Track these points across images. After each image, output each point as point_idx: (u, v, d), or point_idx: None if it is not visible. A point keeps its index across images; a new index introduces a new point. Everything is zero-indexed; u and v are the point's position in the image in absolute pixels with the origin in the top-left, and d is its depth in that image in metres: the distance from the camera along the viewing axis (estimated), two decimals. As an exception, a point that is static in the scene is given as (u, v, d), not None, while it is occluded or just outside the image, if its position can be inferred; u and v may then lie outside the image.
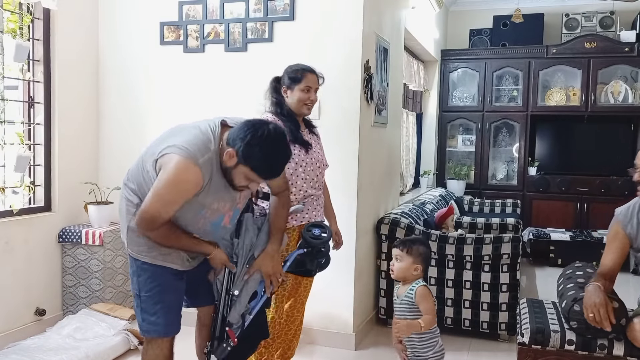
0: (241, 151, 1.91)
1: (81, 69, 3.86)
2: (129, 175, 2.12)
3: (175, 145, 1.93)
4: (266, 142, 1.91)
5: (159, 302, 2.11)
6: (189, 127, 2.03)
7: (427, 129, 6.70)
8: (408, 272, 2.36)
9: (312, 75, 2.69)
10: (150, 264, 2.09)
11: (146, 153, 2.07)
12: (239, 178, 1.98)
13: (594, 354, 2.33)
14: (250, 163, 1.92)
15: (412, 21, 4.91)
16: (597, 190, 6.15)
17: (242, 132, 1.93)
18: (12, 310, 3.38)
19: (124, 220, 2.12)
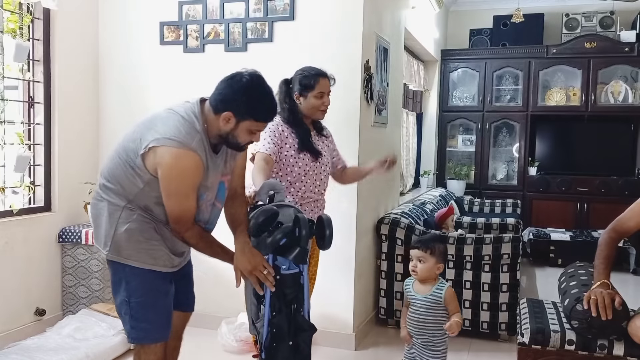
0: (237, 108, 1.91)
1: (81, 69, 3.86)
2: (107, 177, 2.01)
3: (162, 137, 1.87)
4: (253, 88, 1.94)
5: (151, 307, 2.04)
6: (166, 115, 1.96)
7: (427, 129, 6.70)
8: (432, 272, 2.38)
9: (325, 79, 2.68)
10: (140, 269, 2.01)
11: (124, 150, 1.97)
12: (243, 136, 1.97)
13: (594, 354, 2.33)
14: (250, 114, 1.93)
15: (412, 21, 4.91)
16: (597, 190, 6.14)
17: (225, 93, 1.93)
18: (12, 310, 3.38)
19: (106, 225, 2.01)
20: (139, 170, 1.93)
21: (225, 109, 1.92)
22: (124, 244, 1.99)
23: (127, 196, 1.97)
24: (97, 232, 2.05)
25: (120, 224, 1.97)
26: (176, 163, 1.87)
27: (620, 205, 2.52)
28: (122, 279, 2.03)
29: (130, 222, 1.98)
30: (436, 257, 2.38)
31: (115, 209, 1.98)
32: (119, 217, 1.98)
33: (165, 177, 1.90)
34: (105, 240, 2.01)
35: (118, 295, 2.04)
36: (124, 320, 2.05)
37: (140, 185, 1.95)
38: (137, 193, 1.97)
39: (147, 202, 1.99)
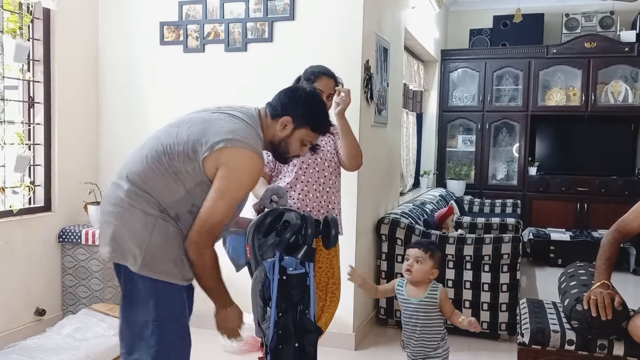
0: (297, 114, 1.93)
1: (81, 69, 3.86)
2: (137, 183, 1.81)
3: (234, 138, 1.78)
4: (312, 99, 2.00)
5: (183, 325, 1.87)
6: (226, 118, 1.86)
7: (427, 129, 6.70)
8: (427, 275, 2.34)
9: (327, 79, 2.64)
10: (175, 285, 1.82)
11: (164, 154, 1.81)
12: (295, 145, 1.98)
13: (594, 354, 2.33)
14: (309, 122, 1.96)
15: (412, 21, 4.91)
16: (597, 190, 6.15)
17: (286, 99, 1.97)
18: (12, 310, 3.38)
19: (136, 236, 1.79)
20: (186, 175, 1.80)
21: (285, 113, 1.94)
22: (159, 257, 1.79)
23: (159, 204, 1.80)
24: (122, 244, 1.81)
25: (155, 236, 1.78)
26: (246, 164, 1.79)
27: (621, 205, 2.53)
28: (150, 296, 1.80)
29: (165, 234, 1.80)
30: (434, 261, 2.35)
31: (149, 219, 1.79)
32: (152, 227, 1.78)
33: (229, 177, 1.77)
34: (136, 253, 1.78)
35: (141, 314, 1.82)
36: (145, 344, 1.81)
37: (181, 193, 1.80)
38: (175, 201, 1.81)
39: (181, 210, 1.82)
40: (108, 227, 1.84)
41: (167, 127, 1.93)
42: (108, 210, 1.86)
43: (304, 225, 1.96)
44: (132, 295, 1.84)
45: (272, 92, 3.64)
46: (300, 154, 2.05)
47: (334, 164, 2.73)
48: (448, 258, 3.60)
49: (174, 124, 1.92)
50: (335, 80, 2.68)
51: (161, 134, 1.90)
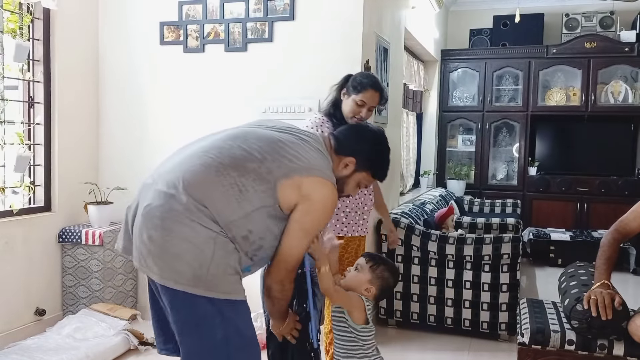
0: (361, 157, 1.88)
1: (81, 69, 3.86)
2: (196, 196, 1.63)
3: (315, 168, 1.73)
4: (381, 144, 1.96)
5: (252, 339, 1.72)
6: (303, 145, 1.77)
7: (427, 129, 6.70)
8: (360, 286, 1.98)
9: (374, 92, 2.63)
10: (241, 301, 1.69)
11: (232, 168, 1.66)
12: (351, 186, 1.93)
13: (594, 354, 2.33)
14: (371, 167, 1.91)
15: (412, 21, 4.91)
16: (597, 190, 6.14)
17: (354, 139, 1.91)
18: (12, 310, 3.37)
19: (199, 255, 1.60)
20: (254, 195, 1.66)
21: (351, 154, 1.88)
22: (222, 275, 1.63)
23: (218, 222, 1.63)
24: (177, 263, 1.61)
25: (217, 254, 1.61)
26: (330, 197, 1.73)
27: (620, 206, 2.53)
28: (216, 315, 1.64)
29: (226, 251, 1.64)
30: (373, 275, 1.99)
31: (210, 236, 1.62)
32: (214, 245, 1.61)
33: (312, 212, 1.70)
34: (198, 273, 1.60)
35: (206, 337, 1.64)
36: None
37: (240, 213, 1.65)
38: (233, 221, 1.65)
39: (236, 234, 1.66)
40: (160, 244, 1.62)
41: (228, 137, 1.77)
42: (159, 225, 1.62)
43: None
44: (193, 320, 1.65)
45: (272, 92, 3.68)
46: (351, 195, 2.00)
47: None
48: (448, 258, 3.60)
49: (236, 136, 1.77)
50: (381, 93, 2.68)
51: (224, 145, 1.73)
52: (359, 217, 2.75)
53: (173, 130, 3.79)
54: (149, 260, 1.64)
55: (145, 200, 1.69)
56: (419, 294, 3.67)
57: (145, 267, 1.66)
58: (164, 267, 1.62)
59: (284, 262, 1.73)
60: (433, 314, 3.66)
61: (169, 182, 1.67)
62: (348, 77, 2.74)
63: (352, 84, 2.66)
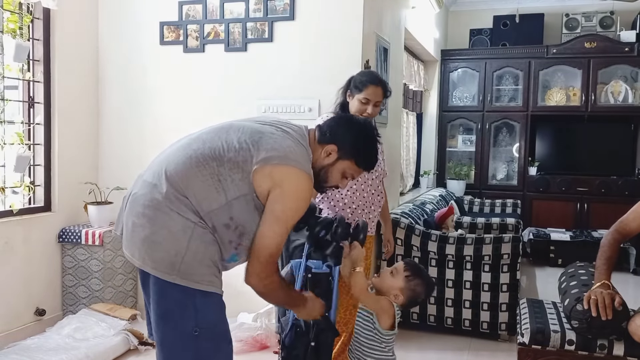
0: (343, 144, 1.84)
1: (81, 69, 3.86)
2: (178, 186, 1.69)
3: (287, 156, 1.72)
4: (366, 133, 1.91)
5: (223, 333, 1.75)
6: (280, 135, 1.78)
7: (427, 129, 6.70)
8: (389, 290, 1.98)
9: (376, 88, 2.66)
10: (214, 294, 1.71)
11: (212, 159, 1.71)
12: (335, 176, 1.88)
13: (594, 354, 2.33)
14: (354, 155, 1.86)
15: (412, 21, 4.91)
16: (597, 190, 6.14)
17: (336, 126, 1.88)
18: (12, 310, 3.38)
19: (173, 243, 1.66)
20: (231, 184, 1.70)
21: (332, 141, 1.84)
22: (197, 266, 1.67)
23: (199, 212, 1.68)
24: (155, 251, 1.67)
25: (193, 242, 1.66)
26: (300, 186, 1.72)
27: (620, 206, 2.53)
28: (188, 304, 1.67)
29: (204, 242, 1.68)
30: (407, 285, 1.98)
31: (188, 225, 1.66)
32: (191, 233, 1.66)
33: (284, 200, 1.70)
34: (173, 260, 1.65)
35: (178, 327, 1.68)
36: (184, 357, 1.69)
37: (220, 201, 1.69)
38: (213, 210, 1.69)
39: (218, 222, 1.70)
40: (140, 231, 1.69)
41: (212, 130, 1.83)
42: (139, 212, 1.70)
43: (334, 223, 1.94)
44: (168, 308, 1.69)
45: (272, 92, 3.68)
46: (339, 186, 1.96)
47: (380, 169, 2.79)
48: (448, 258, 3.60)
49: (220, 129, 1.82)
50: (383, 87, 2.70)
51: (207, 137, 1.78)
52: (366, 217, 2.75)
53: (173, 130, 3.77)
54: (132, 246, 1.71)
55: (134, 189, 1.79)
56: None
57: (129, 253, 1.73)
58: (144, 253, 1.68)
59: (256, 252, 1.71)
60: (433, 314, 3.66)
61: (154, 173, 1.75)
62: (351, 78, 2.77)
63: (353, 84, 2.71)
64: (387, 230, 3.12)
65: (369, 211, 2.77)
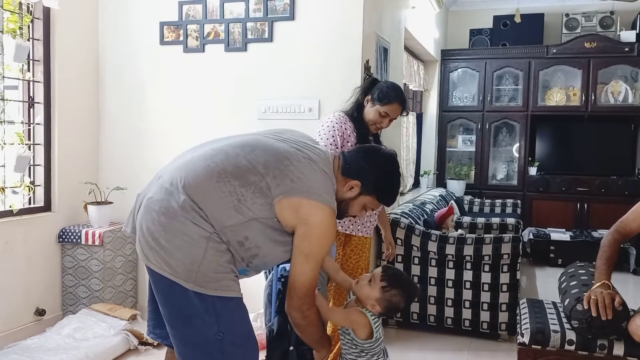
0: (367, 181, 1.86)
1: (81, 69, 3.86)
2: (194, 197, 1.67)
3: (314, 192, 1.72)
4: (390, 168, 1.93)
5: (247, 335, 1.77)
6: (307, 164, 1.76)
7: (427, 129, 6.70)
8: (366, 300, 1.92)
9: (398, 106, 2.69)
10: (235, 298, 1.72)
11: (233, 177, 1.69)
12: (356, 208, 1.91)
13: (594, 354, 2.33)
14: (376, 192, 1.89)
15: (412, 21, 4.91)
16: (597, 190, 6.14)
17: (361, 162, 1.89)
18: (12, 310, 3.37)
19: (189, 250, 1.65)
20: (252, 206, 1.69)
21: (356, 176, 1.86)
22: (213, 273, 1.67)
23: (214, 225, 1.68)
24: (169, 256, 1.67)
25: (209, 252, 1.66)
26: (327, 221, 1.73)
27: (620, 206, 2.53)
28: (209, 310, 1.68)
29: (218, 252, 1.68)
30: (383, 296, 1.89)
31: (203, 235, 1.67)
32: (206, 244, 1.66)
33: (311, 237, 1.71)
34: (189, 268, 1.65)
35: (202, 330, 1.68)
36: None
37: (239, 220, 1.68)
38: (229, 226, 1.68)
39: (232, 238, 1.70)
40: (156, 237, 1.69)
41: (237, 145, 1.79)
42: (155, 218, 1.70)
43: None
44: (189, 312, 1.69)
45: (272, 92, 3.68)
46: (357, 216, 1.99)
47: None
48: (448, 258, 3.60)
49: (245, 145, 1.78)
50: (404, 107, 2.73)
51: (232, 151, 1.76)
52: (366, 219, 2.76)
53: (173, 130, 3.79)
54: (146, 250, 1.71)
55: (149, 192, 1.77)
56: (419, 294, 3.67)
57: (144, 256, 1.73)
58: (159, 259, 1.68)
59: (293, 290, 1.75)
60: (433, 314, 3.66)
61: (172, 179, 1.73)
62: (374, 81, 2.77)
63: (378, 94, 2.69)
64: (387, 233, 3.14)
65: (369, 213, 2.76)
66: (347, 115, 2.74)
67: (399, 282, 1.95)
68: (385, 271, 1.96)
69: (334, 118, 2.72)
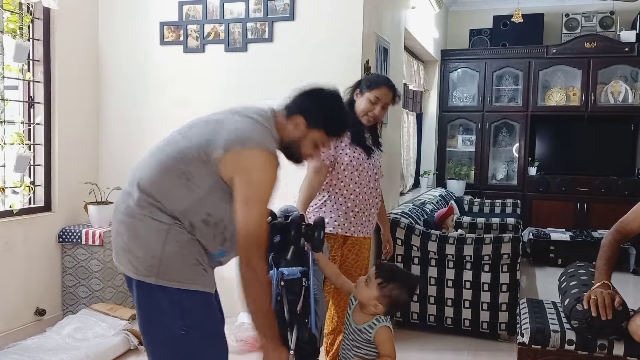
0: (311, 115, 1.83)
1: (81, 69, 3.86)
2: (148, 191, 1.72)
3: (249, 139, 1.70)
4: (332, 100, 1.90)
5: (217, 336, 1.76)
6: (241, 119, 1.78)
7: (427, 129, 6.70)
8: (368, 302, 1.94)
9: (387, 89, 2.67)
10: (200, 292, 1.71)
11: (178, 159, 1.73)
12: (307, 147, 1.88)
13: (594, 354, 2.33)
14: (323, 125, 1.86)
15: (412, 21, 4.91)
16: (597, 190, 6.15)
17: (303, 98, 1.88)
18: (12, 310, 3.37)
19: (148, 245, 1.69)
20: (200, 180, 1.70)
21: (299, 112, 1.84)
22: (175, 267, 1.68)
23: (172, 212, 1.70)
24: (135, 256, 1.71)
25: (168, 246, 1.68)
26: (269, 166, 1.70)
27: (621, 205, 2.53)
28: (174, 305, 1.68)
29: (180, 242, 1.69)
30: (381, 293, 1.91)
31: (161, 228, 1.69)
32: (165, 237, 1.68)
33: (249, 181, 1.68)
34: (151, 263, 1.68)
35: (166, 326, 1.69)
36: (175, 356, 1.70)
37: (193, 198, 1.70)
38: (187, 208, 1.70)
39: (195, 219, 1.70)
40: (120, 238, 1.76)
41: (179, 131, 1.85)
42: (119, 220, 1.77)
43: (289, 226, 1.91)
44: (154, 310, 1.71)
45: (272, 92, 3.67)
46: (313, 156, 1.95)
47: (380, 172, 2.83)
48: (448, 258, 3.60)
49: (186, 127, 1.84)
50: (394, 92, 2.71)
51: (174, 139, 1.81)
52: (365, 219, 2.75)
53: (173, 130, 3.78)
54: (116, 253, 1.80)
55: (117, 199, 1.86)
56: (419, 294, 3.67)
57: (115, 260, 1.81)
58: (125, 259, 1.74)
59: (240, 240, 1.69)
60: (433, 314, 3.66)
61: (130, 181, 1.80)
62: (361, 79, 2.80)
63: (365, 83, 2.71)
64: (385, 231, 3.13)
65: (368, 214, 2.78)
66: None
67: (394, 275, 1.96)
68: (378, 268, 1.97)
69: None
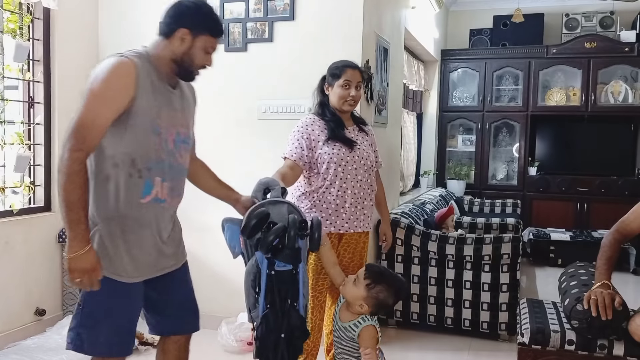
0: (192, 23, 1.87)
1: (81, 69, 3.85)
2: None
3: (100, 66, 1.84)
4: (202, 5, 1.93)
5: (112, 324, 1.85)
6: None
7: (427, 129, 6.70)
8: (355, 301, 2.00)
9: (353, 70, 2.68)
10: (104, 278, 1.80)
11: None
12: (199, 56, 1.93)
13: (594, 354, 2.33)
14: (206, 27, 1.89)
15: (412, 21, 4.91)
16: (597, 190, 6.15)
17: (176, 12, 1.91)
18: (12, 310, 3.37)
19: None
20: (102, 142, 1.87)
21: (179, 26, 1.88)
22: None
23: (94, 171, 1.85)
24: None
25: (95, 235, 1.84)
26: (108, 66, 1.80)
27: (621, 205, 2.53)
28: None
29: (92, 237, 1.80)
30: (368, 294, 1.97)
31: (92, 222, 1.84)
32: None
33: (93, 80, 1.81)
34: None
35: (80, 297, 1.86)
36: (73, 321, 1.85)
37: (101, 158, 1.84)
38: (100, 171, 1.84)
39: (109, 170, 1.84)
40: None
41: None
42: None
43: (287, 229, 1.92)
44: None
45: (272, 92, 3.68)
46: (207, 64, 2.00)
47: (369, 162, 2.76)
48: (448, 258, 3.60)
49: None
50: (360, 71, 2.72)
51: None
52: (359, 212, 2.73)
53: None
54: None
55: None
56: (418, 294, 3.67)
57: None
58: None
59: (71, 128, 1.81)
60: (433, 314, 3.66)
61: None
62: (323, 77, 2.79)
63: (329, 75, 2.72)
64: (384, 223, 3.04)
65: (362, 207, 2.73)
66: (317, 115, 2.74)
67: (383, 277, 2.00)
68: (368, 269, 2.00)
69: (301, 122, 2.72)
